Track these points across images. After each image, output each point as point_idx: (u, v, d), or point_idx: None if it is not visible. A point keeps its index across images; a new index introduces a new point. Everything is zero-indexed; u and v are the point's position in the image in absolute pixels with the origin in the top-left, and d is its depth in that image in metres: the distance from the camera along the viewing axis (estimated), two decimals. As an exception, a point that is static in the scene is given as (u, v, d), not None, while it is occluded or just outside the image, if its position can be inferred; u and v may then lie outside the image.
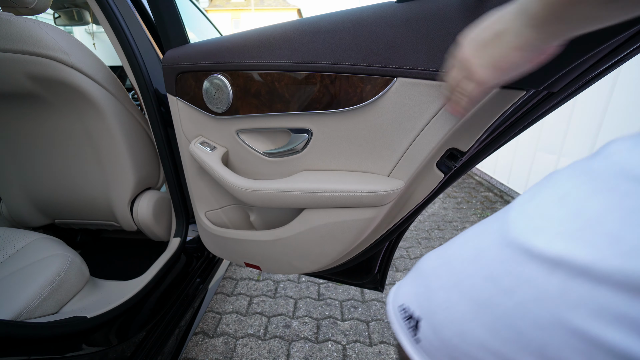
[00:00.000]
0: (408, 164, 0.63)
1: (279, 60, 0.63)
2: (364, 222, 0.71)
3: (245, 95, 0.69)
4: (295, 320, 1.40)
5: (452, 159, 0.64)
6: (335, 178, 0.69)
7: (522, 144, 2.56)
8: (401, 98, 0.58)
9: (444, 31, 0.51)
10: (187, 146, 0.83)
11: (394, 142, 0.62)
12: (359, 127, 0.63)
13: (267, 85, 0.66)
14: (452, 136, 0.59)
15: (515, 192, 2.63)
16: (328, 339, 1.30)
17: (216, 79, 0.70)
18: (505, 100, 0.53)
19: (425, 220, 2.33)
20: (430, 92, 0.55)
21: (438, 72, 0.53)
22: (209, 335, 1.34)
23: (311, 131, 0.68)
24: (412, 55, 0.54)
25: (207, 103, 0.73)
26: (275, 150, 0.73)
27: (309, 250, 0.81)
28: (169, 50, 0.75)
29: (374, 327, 1.35)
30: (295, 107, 0.66)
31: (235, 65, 0.68)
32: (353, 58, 0.58)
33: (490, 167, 3.04)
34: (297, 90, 0.64)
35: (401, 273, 1.71)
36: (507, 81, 0.40)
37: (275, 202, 0.74)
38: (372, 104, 0.60)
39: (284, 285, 1.63)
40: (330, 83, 0.61)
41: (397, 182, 0.65)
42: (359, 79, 0.59)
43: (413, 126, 0.59)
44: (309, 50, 0.61)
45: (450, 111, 0.50)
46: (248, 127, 0.74)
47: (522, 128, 0.61)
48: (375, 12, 0.56)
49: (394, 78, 0.57)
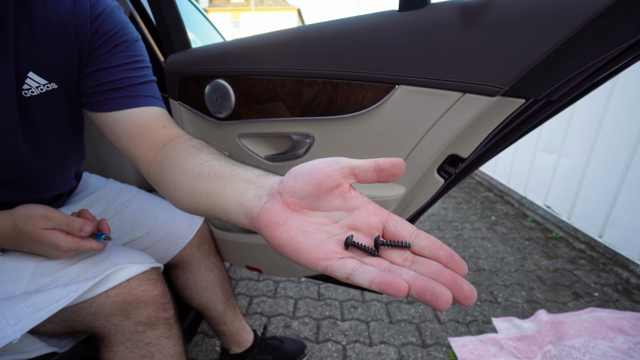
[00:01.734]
0: (409, 170, 0.64)
1: (282, 67, 0.64)
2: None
3: (248, 100, 0.70)
4: (295, 321, 1.41)
5: (453, 165, 0.65)
6: None
7: (522, 144, 2.56)
8: (402, 105, 0.58)
9: (445, 40, 0.52)
10: None
11: (395, 148, 0.63)
12: (361, 133, 0.64)
13: (269, 91, 0.67)
14: (453, 143, 0.60)
15: (515, 192, 2.64)
16: (328, 339, 1.31)
17: (218, 84, 0.70)
18: (505, 108, 0.54)
19: (425, 221, 2.34)
20: (431, 99, 0.56)
21: (439, 80, 0.54)
22: (209, 336, 1.34)
23: (313, 136, 0.68)
24: (414, 63, 0.55)
25: (209, 108, 0.74)
26: (276, 155, 0.74)
27: None
28: (171, 55, 0.76)
29: (374, 327, 1.36)
30: (297, 113, 0.67)
31: (238, 71, 0.68)
32: (355, 65, 0.58)
33: (490, 167, 3.04)
34: (299, 96, 0.65)
35: (401, 273, 1.72)
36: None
37: None
38: (373, 111, 0.61)
39: (284, 285, 1.64)
40: (332, 89, 0.62)
41: (398, 188, 0.66)
42: (360, 86, 0.59)
43: (414, 133, 0.60)
44: (311, 57, 0.61)
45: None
46: (250, 132, 0.74)
47: (522, 134, 0.61)
48: (377, 20, 0.56)
49: (395, 85, 0.57)
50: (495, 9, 0.49)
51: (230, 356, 1.05)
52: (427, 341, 1.29)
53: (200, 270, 0.91)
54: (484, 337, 1.29)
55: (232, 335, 1.01)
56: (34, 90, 0.51)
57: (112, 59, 0.54)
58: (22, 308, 0.51)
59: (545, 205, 2.30)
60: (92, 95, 0.55)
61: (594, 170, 1.92)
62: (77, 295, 0.54)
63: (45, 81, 0.52)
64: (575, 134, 2.07)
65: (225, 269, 0.99)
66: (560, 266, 1.78)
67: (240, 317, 1.04)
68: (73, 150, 0.66)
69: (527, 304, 1.49)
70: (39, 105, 0.53)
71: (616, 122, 1.79)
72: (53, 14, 0.49)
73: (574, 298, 1.53)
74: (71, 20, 0.50)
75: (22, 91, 0.50)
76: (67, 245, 0.54)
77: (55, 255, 0.56)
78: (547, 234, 2.13)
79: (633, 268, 1.68)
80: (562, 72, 0.49)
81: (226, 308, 0.97)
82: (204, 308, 0.94)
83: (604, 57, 0.46)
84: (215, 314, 0.95)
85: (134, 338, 0.60)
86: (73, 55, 0.52)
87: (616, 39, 0.45)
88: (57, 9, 0.49)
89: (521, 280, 1.66)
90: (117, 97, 0.54)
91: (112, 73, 0.54)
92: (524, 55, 0.48)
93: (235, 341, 1.02)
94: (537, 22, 0.46)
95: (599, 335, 1.28)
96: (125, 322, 0.59)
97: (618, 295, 1.54)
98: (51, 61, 0.51)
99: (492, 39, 0.49)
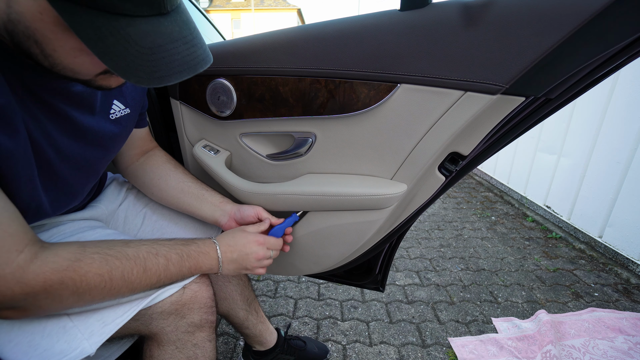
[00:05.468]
0: (411, 168, 0.64)
1: (284, 66, 0.64)
2: (367, 224, 0.72)
3: (250, 99, 0.70)
4: (296, 320, 1.41)
5: (453, 163, 0.65)
6: (338, 181, 0.70)
7: (522, 144, 2.56)
8: (404, 104, 0.58)
9: (446, 39, 0.52)
10: (190, 150, 0.84)
11: (397, 146, 0.63)
12: (363, 131, 0.64)
13: (271, 90, 0.67)
14: (454, 140, 0.60)
15: (515, 192, 2.65)
16: (328, 339, 1.31)
17: (220, 84, 0.70)
18: (505, 106, 0.54)
19: (425, 221, 2.34)
20: (433, 98, 0.56)
21: (440, 79, 0.54)
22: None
23: (315, 135, 0.69)
24: (415, 62, 0.55)
25: (210, 107, 0.74)
26: (278, 154, 0.74)
27: (312, 252, 0.82)
28: None
29: (374, 327, 1.36)
30: (300, 112, 0.67)
31: (240, 70, 0.68)
32: (357, 64, 0.59)
33: (490, 167, 3.04)
34: (302, 95, 0.65)
35: (401, 273, 1.72)
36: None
37: (279, 205, 0.75)
38: (375, 109, 0.61)
39: (284, 285, 1.64)
40: (334, 88, 0.62)
41: (400, 185, 0.66)
42: (362, 85, 0.60)
43: (416, 131, 0.60)
44: (313, 56, 0.62)
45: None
46: (251, 131, 0.74)
47: (521, 132, 0.62)
48: (379, 20, 0.57)
49: (397, 84, 0.57)
50: (495, 9, 0.49)
51: (253, 352, 1.06)
52: (427, 341, 1.29)
53: (217, 283, 0.91)
54: (484, 337, 1.29)
55: (254, 337, 1.02)
56: (117, 113, 0.63)
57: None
58: (92, 322, 0.53)
59: (545, 205, 2.30)
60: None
61: (594, 170, 1.92)
62: (142, 306, 0.56)
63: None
64: (575, 134, 2.08)
65: (245, 276, 1.00)
66: (560, 266, 1.78)
67: (263, 319, 1.04)
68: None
69: (527, 304, 1.49)
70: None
71: (616, 122, 1.79)
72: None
73: (574, 298, 1.53)
74: None
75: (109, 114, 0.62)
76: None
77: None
78: (547, 234, 2.13)
79: (633, 268, 1.68)
80: (561, 71, 0.49)
81: (247, 314, 0.97)
82: (225, 316, 0.96)
83: (602, 55, 0.46)
84: (236, 320, 0.96)
85: (184, 338, 0.61)
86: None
87: (614, 37, 0.45)
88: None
89: (521, 280, 1.66)
90: (139, 119, 0.73)
91: (144, 100, 0.72)
92: (524, 54, 0.48)
93: (258, 341, 1.03)
94: (537, 21, 0.47)
95: (599, 335, 1.28)
96: (179, 322, 0.61)
97: (618, 295, 1.54)
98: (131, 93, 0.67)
99: (492, 38, 0.50)
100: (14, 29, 0.37)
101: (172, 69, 0.39)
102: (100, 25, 0.34)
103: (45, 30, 0.37)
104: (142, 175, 0.76)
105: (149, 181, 0.76)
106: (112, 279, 0.49)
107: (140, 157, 0.78)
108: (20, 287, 0.42)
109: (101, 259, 0.48)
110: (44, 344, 0.49)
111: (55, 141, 0.50)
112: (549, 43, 0.47)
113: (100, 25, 0.34)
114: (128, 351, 0.71)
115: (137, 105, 0.68)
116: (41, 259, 0.44)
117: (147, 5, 0.36)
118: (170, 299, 0.59)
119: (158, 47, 0.37)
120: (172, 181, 0.75)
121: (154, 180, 0.75)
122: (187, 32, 0.41)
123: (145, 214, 0.80)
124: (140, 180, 0.77)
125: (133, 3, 0.35)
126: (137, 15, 0.36)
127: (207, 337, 0.65)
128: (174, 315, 0.60)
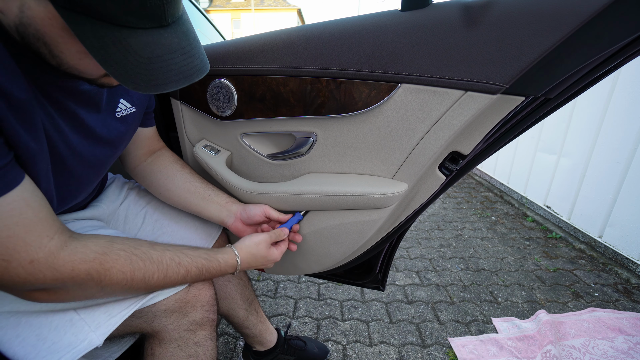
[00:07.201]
0: (411, 167, 0.64)
1: (285, 66, 0.64)
2: (367, 223, 0.72)
3: (250, 99, 0.70)
4: (296, 320, 1.41)
5: (454, 162, 0.65)
6: (339, 181, 0.70)
7: (522, 144, 2.57)
8: (405, 103, 0.59)
9: (447, 39, 0.52)
10: (190, 150, 0.84)
11: (398, 145, 0.63)
12: (364, 131, 0.64)
13: (272, 90, 0.67)
14: (454, 140, 0.61)
15: (515, 192, 2.65)
16: (328, 339, 1.31)
17: (221, 84, 0.70)
18: (505, 105, 0.54)
19: (426, 220, 2.34)
20: (433, 97, 0.56)
21: (441, 79, 0.54)
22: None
23: (316, 135, 0.69)
24: (416, 62, 0.55)
25: (211, 107, 0.74)
26: (279, 154, 0.74)
27: (313, 251, 0.82)
28: None
29: (374, 327, 1.37)
30: (300, 112, 0.67)
31: (241, 70, 0.68)
32: (358, 64, 0.59)
33: (490, 167, 3.05)
34: (302, 94, 0.65)
35: (401, 273, 1.72)
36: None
37: (279, 204, 0.75)
38: (376, 109, 0.61)
39: (284, 285, 1.64)
40: (335, 88, 0.62)
41: (400, 185, 0.66)
42: (363, 85, 0.60)
43: (416, 130, 0.60)
44: (314, 56, 0.62)
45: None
46: (252, 131, 0.74)
47: (521, 131, 0.62)
48: (380, 20, 0.57)
49: (398, 84, 0.57)
50: (495, 9, 0.49)
51: (253, 352, 1.07)
52: (427, 341, 1.29)
53: (218, 282, 0.92)
54: (484, 337, 1.30)
55: (254, 337, 1.02)
56: (123, 112, 0.64)
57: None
58: (99, 314, 0.54)
59: (545, 205, 2.30)
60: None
61: (594, 170, 1.92)
62: (147, 299, 0.57)
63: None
64: (575, 134, 2.08)
65: (246, 276, 1.00)
66: (560, 266, 1.79)
67: (263, 319, 1.04)
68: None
69: (527, 304, 1.50)
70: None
71: (616, 122, 1.80)
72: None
73: (574, 298, 1.53)
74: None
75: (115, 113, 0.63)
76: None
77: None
78: (547, 234, 2.13)
79: (633, 268, 1.68)
80: (561, 70, 0.49)
81: (247, 314, 0.98)
82: (225, 315, 0.96)
83: (601, 55, 0.46)
84: (236, 320, 0.97)
85: (186, 337, 0.62)
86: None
87: (614, 37, 0.46)
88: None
89: (521, 280, 1.66)
90: (146, 119, 0.74)
91: (152, 99, 0.73)
92: (524, 54, 0.49)
93: (258, 341, 1.04)
94: (537, 21, 0.47)
95: (599, 335, 1.28)
96: (182, 320, 0.61)
97: (618, 295, 1.54)
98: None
99: (493, 38, 0.50)
100: (25, 31, 0.39)
101: (168, 78, 0.41)
102: (104, 35, 0.36)
103: (53, 34, 0.39)
104: (150, 175, 0.77)
105: (156, 181, 0.77)
106: (134, 279, 0.51)
107: (147, 157, 0.79)
108: (52, 272, 0.44)
109: (126, 257, 0.50)
110: (52, 337, 0.50)
111: (68, 138, 0.51)
112: (549, 43, 0.47)
113: (104, 35, 0.36)
114: (128, 351, 0.71)
115: (143, 104, 0.69)
116: (71, 247, 0.46)
117: (148, 19, 0.37)
118: (175, 296, 0.60)
119: (156, 57, 0.39)
120: (178, 181, 0.76)
121: (161, 180, 0.76)
122: (186, 43, 0.42)
123: (146, 213, 0.81)
124: (148, 180, 0.78)
125: (136, 17, 0.36)
126: (139, 27, 0.37)
127: (208, 335, 0.65)
128: (177, 312, 0.60)
